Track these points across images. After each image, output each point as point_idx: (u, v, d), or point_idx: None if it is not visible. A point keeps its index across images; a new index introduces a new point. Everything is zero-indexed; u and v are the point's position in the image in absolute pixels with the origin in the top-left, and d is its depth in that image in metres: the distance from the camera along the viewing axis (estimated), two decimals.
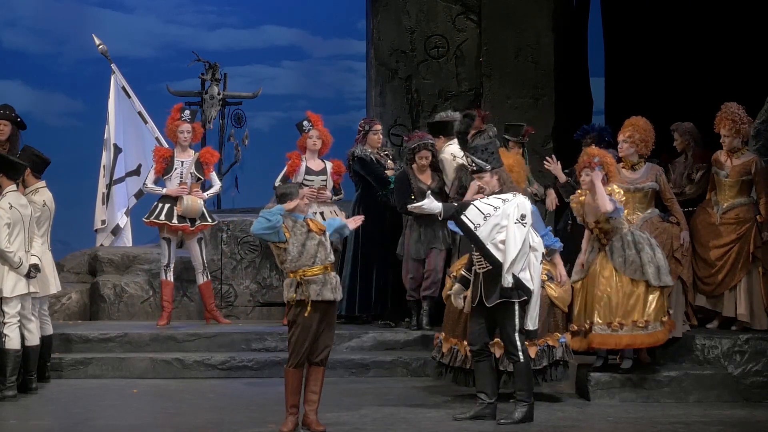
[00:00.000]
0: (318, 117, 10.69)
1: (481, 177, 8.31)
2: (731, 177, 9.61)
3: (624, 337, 8.82)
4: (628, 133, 9.41)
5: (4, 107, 10.27)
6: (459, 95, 12.27)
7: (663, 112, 10.20)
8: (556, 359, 8.71)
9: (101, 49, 12.43)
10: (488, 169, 8.28)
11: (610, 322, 8.81)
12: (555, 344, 8.71)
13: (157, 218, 10.52)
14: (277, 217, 7.66)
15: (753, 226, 9.58)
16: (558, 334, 8.76)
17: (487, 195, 8.25)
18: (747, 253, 9.57)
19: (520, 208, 8.07)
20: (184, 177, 10.58)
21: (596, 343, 8.86)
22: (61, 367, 9.75)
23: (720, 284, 9.61)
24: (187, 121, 10.68)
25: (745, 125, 9.60)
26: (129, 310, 11.21)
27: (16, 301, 8.88)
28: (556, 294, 8.79)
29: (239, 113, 12.61)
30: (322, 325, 7.74)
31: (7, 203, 8.85)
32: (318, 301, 7.67)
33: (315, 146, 10.60)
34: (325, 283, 7.69)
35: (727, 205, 9.62)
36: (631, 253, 8.83)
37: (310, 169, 10.56)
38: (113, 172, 12.13)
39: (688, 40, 13.12)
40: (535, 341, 8.60)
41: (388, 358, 9.95)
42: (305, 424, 7.78)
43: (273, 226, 7.66)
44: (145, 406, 8.87)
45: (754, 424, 8.34)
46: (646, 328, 8.83)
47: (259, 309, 11.20)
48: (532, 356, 8.52)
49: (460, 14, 12.28)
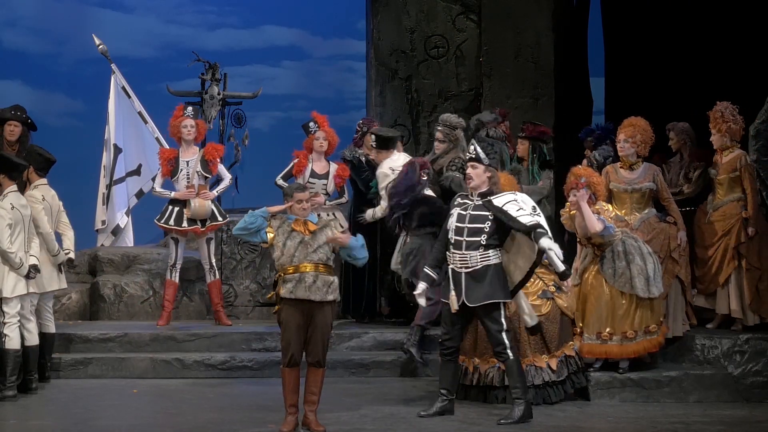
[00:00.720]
0: (324, 118, 10.69)
1: (475, 167, 8.27)
2: (720, 174, 9.67)
3: (613, 348, 8.91)
4: (629, 133, 9.44)
5: (15, 108, 10.27)
6: (459, 95, 12.28)
7: (663, 111, 10.21)
8: (578, 367, 8.79)
9: (101, 49, 12.44)
10: (486, 163, 8.28)
11: (600, 332, 8.89)
12: (571, 353, 8.80)
13: (167, 223, 10.54)
14: (256, 218, 7.74)
15: (738, 221, 9.62)
16: (571, 342, 8.85)
17: (472, 188, 8.24)
18: (734, 250, 9.61)
19: (527, 202, 8.15)
20: (190, 177, 10.57)
21: (585, 352, 8.93)
22: (61, 367, 9.75)
23: (711, 281, 9.67)
24: (190, 117, 10.69)
25: (730, 123, 9.60)
26: (129, 310, 11.21)
27: (15, 301, 8.90)
28: (565, 304, 8.86)
29: (239, 113, 12.60)
30: (311, 326, 7.72)
31: (9, 204, 8.87)
32: (293, 299, 7.67)
33: (321, 148, 10.60)
34: (300, 281, 7.67)
35: (717, 203, 9.69)
36: (621, 265, 8.88)
37: (314, 171, 10.56)
38: (113, 173, 12.14)
39: (687, 40, 13.13)
40: (554, 353, 8.70)
41: (388, 358, 9.95)
42: (305, 424, 7.79)
43: (246, 228, 7.76)
44: (145, 406, 8.88)
45: (754, 424, 8.36)
46: (634, 339, 8.91)
47: (259, 309, 11.21)
48: (554, 368, 8.63)
49: (460, 14, 12.29)
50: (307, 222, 7.83)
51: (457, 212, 8.23)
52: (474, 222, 8.15)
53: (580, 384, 8.87)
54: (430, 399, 8.51)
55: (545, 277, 8.80)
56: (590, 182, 8.88)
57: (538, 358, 8.69)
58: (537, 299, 8.74)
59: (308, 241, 7.74)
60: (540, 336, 8.67)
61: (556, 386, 8.71)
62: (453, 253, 8.16)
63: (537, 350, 8.71)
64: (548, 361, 8.70)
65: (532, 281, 8.65)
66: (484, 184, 8.26)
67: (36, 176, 9.32)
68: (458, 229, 8.16)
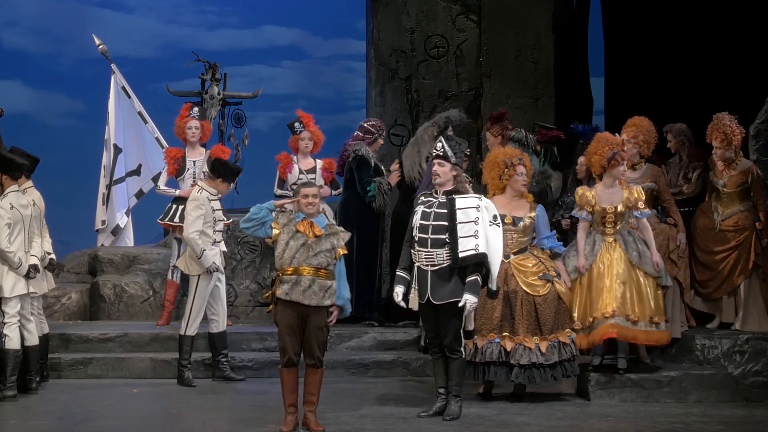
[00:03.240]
0: (309, 117, 10.73)
1: (442, 165, 8.26)
2: (728, 187, 9.64)
3: (640, 333, 8.86)
4: (632, 133, 9.43)
5: None
6: (459, 95, 12.29)
7: (662, 112, 10.21)
8: (572, 355, 8.78)
9: (101, 49, 12.45)
10: (452, 161, 8.27)
11: (628, 315, 8.84)
12: (566, 340, 8.77)
13: (171, 220, 10.55)
14: (261, 210, 7.77)
15: (753, 233, 9.62)
16: (568, 330, 8.82)
17: (438, 185, 8.24)
18: (747, 260, 9.61)
19: (489, 209, 8.15)
20: (196, 177, 10.60)
21: (616, 334, 8.80)
22: (60, 367, 9.76)
23: (718, 289, 9.66)
24: (196, 118, 10.71)
25: (737, 136, 9.59)
26: (129, 310, 11.23)
27: (15, 301, 8.90)
28: (564, 290, 8.85)
29: (239, 113, 12.60)
30: (306, 328, 7.72)
31: (8, 203, 8.88)
32: (288, 301, 7.68)
33: (307, 148, 10.67)
34: (296, 284, 7.68)
35: (726, 213, 9.65)
36: (644, 249, 8.90)
37: (300, 169, 10.61)
38: (113, 173, 12.16)
39: (687, 40, 13.13)
40: (546, 336, 8.71)
41: (388, 358, 9.97)
42: (304, 425, 7.81)
43: (251, 218, 7.77)
44: (145, 406, 8.88)
45: (753, 423, 8.37)
46: (659, 326, 8.89)
47: (259, 309, 11.23)
48: (543, 351, 8.66)
49: (460, 14, 12.31)
50: (313, 225, 7.80)
51: (422, 210, 8.23)
52: (438, 220, 8.15)
53: (573, 373, 8.84)
54: (430, 399, 8.49)
55: (546, 262, 8.84)
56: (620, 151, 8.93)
57: (528, 339, 8.69)
58: (537, 279, 8.76)
59: (311, 245, 7.74)
60: (534, 316, 8.70)
61: (543, 369, 8.69)
62: (418, 251, 8.16)
63: (529, 331, 8.72)
64: (539, 342, 8.69)
65: (534, 262, 8.75)
66: (449, 182, 8.26)
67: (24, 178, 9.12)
68: (423, 227, 8.16)
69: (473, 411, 8.50)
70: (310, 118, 10.72)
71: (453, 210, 8.11)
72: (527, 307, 8.73)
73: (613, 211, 8.93)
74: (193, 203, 9.45)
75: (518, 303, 8.72)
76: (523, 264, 8.81)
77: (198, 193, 9.53)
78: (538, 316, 8.73)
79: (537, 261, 8.81)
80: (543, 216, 8.87)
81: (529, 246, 8.90)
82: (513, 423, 8.21)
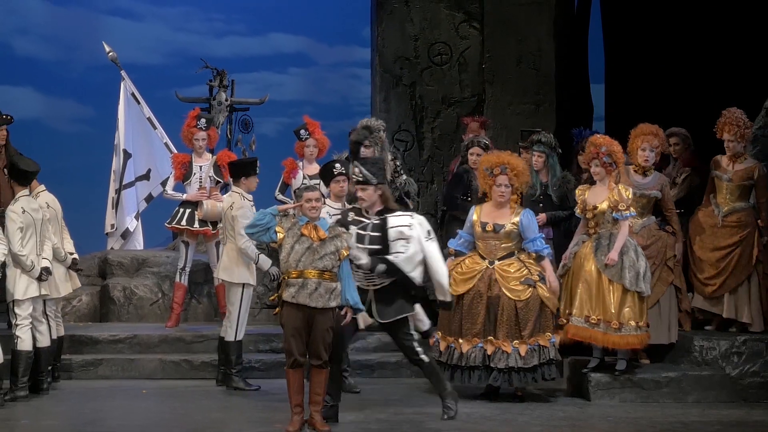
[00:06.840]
0: (316, 124, 10.75)
1: (365, 189, 8.17)
2: (734, 181, 9.64)
3: (598, 334, 8.91)
4: (654, 144, 9.42)
5: None
6: (462, 101, 12.37)
7: (663, 118, 10.29)
8: (549, 358, 8.78)
9: (111, 56, 12.51)
10: (374, 183, 8.18)
11: (588, 316, 8.92)
12: (546, 344, 8.78)
13: (179, 223, 10.64)
14: (265, 216, 7.81)
15: (755, 230, 9.64)
16: (549, 333, 8.83)
17: (365, 208, 8.20)
18: (749, 257, 9.62)
19: (423, 225, 8.19)
20: (203, 181, 10.71)
21: (571, 333, 8.92)
22: (71, 368, 9.84)
23: (721, 287, 9.65)
24: (203, 129, 10.80)
25: (748, 130, 9.64)
26: (138, 312, 11.29)
27: (27, 303, 8.96)
28: (547, 294, 8.83)
29: (246, 119, 12.71)
30: (312, 329, 7.78)
31: (20, 207, 8.94)
32: (294, 303, 7.75)
33: (312, 154, 10.74)
34: (302, 287, 7.72)
35: (728, 209, 9.65)
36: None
37: (305, 175, 10.68)
38: (123, 177, 12.21)
39: (687, 46, 13.19)
40: (526, 340, 8.73)
41: (392, 359, 10.01)
42: (310, 424, 7.86)
43: (256, 224, 7.83)
44: (153, 406, 8.95)
45: (751, 424, 8.40)
46: (619, 330, 8.89)
47: (266, 311, 11.21)
48: (522, 354, 8.68)
49: (463, 22, 12.39)
50: (317, 228, 7.83)
51: (356, 232, 8.14)
52: (373, 243, 8.13)
53: (551, 377, 8.82)
54: (435, 401, 8.49)
55: (531, 267, 8.86)
56: (611, 151, 8.94)
57: (507, 343, 8.70)
58: (518, 285, 8.77)
59: (316, 248, 7.77)
60: (514, 321, 8.72)
61: (522, 373, 8.70)
62: (356, 272, 8.06)
63: (508, 335, 8.73)
64: (518, 346, 8.70)
65: (517, 267, 8.78)
66: (377, 203, 8.19)
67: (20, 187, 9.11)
68: (359, 250, 8.09)
69: (476, 411, 8.55)
70: (316, 126, 10.77)
71: (385, 230, 8.11)
72: (508, 311, 8.74)
73: (592, 209, 9.02)
74: (240, 211, 9.23)
75: (500, 308, 8.73)
76: (505, 270, 8.82)
77: (242, 201, 9.38)
78: (519, 320, 8.73)
79: (521, 266, 8.80)
80: (528, 219, 8.81)
81: (516, 251, 8.91)
82: (515, 422, 8.25)
